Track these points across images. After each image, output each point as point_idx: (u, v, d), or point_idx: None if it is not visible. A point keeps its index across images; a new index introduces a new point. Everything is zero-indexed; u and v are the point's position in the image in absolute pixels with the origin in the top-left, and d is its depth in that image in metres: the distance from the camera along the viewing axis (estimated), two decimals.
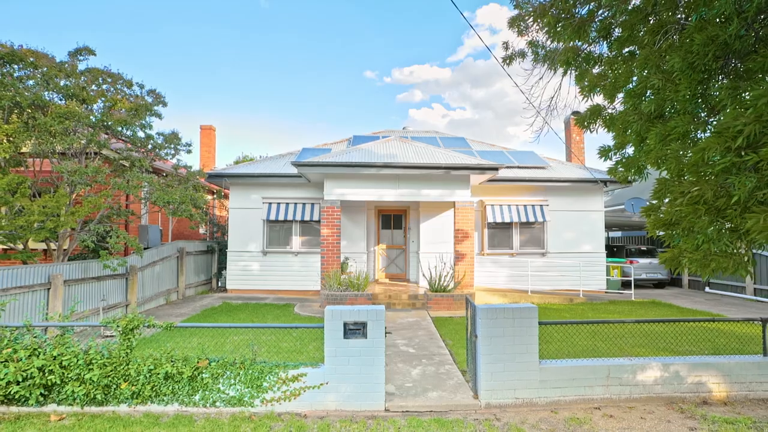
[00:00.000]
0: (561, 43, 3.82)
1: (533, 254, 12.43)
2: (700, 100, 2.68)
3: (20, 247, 7.88)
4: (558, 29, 3.44)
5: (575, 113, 6.91)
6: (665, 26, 3.41)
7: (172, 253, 11.33)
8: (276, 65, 73.26)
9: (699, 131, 2.68)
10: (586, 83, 3.87)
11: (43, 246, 9.68)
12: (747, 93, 2.16)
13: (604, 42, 4.36)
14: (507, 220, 12.13)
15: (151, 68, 66.35)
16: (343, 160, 9.94)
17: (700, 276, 13.71)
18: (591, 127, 3.85)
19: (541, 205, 12.38)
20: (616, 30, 4.17)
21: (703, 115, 3.08)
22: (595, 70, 4.47)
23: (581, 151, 15.27)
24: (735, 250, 2.20)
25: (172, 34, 66.47)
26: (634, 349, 6.20)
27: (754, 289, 11.63)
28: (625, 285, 13.14)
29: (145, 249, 10.04)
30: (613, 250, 15.30)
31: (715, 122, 2.61)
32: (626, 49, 4.12)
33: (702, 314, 9.53)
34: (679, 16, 3.60)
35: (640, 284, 14.35)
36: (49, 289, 6.84)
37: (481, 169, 10.06)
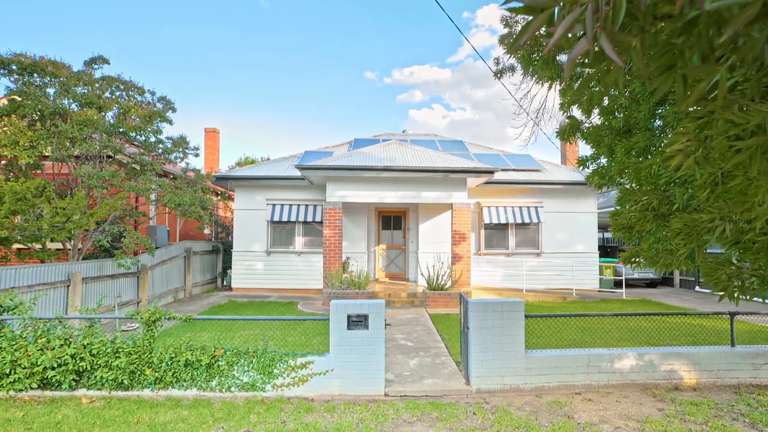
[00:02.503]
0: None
1: (528, 254, 12.85)
2: (657, 119, 3.10)
3: (38, 246, 8.31)
4: (531, 60, 3.87)
5: (570, 117, 7.35)
6: None
7: (180, 253, 11.75)
8: (276, 65, 73.68)
9: (657, 147, 3.10)
10: (567, 99, 4.29)
11: (56, 245, 10.10)
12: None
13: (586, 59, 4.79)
14: (503, 221, 12.56)
15: (151, 68, 66.73)
16: (344, 163, 10.36)
17: (691, 275, 14.14)
18: (570, 139, 4.28)
19: (536, 207, 12.80)
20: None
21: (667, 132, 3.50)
22: (577, 84, 4.90)
23: (575, 154, 15.69)
24: (678, 249, 2.62)
25: (172, 34, 66.90)
26: (618, 343, 6.61)
27: None
28: (618, 284, 13.55)
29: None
30: (606, 250, 15.74)
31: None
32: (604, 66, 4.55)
33: (680, 310, 9.94)
34: None
35: (633, 283, 14.77)
36: (68, 286, 7.27)
37: (477, 172, 10.48)
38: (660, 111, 3.18)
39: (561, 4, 0.82)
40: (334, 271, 10.39)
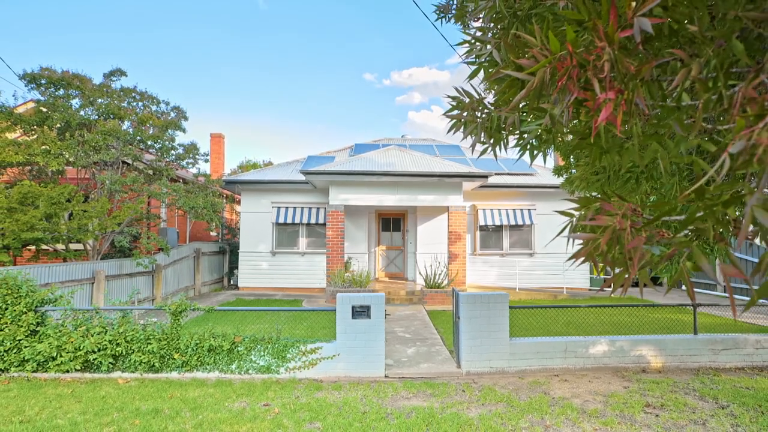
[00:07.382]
0: None
1: (522, 254, 13.47)
2: None
3: (62, 247, 8.92)
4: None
5: None
6: None
7: (190, 254, 12.35)
8: (275, 66, 74.13)
9: None
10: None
11: (76, 246, 10.70)
12: None
13: None
14: (497, 222, 13.18)
15: (150, 69, 67.16)
16: (346, 168, 10.99)
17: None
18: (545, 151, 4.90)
19: (529, 209, 13.43)
20: None
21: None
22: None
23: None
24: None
25: (172, 35, 67.42)
26: (598, 334, 7.21)
27: (724, 287, 12.67)
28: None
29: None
30: None
31: None
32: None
33: (663, 306, 10.53)
34: None
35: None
36: (93, 283, 7.88)
37: (472, 176, 11.11)
38: None
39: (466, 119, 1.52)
40: (336, 270, 11.00)
